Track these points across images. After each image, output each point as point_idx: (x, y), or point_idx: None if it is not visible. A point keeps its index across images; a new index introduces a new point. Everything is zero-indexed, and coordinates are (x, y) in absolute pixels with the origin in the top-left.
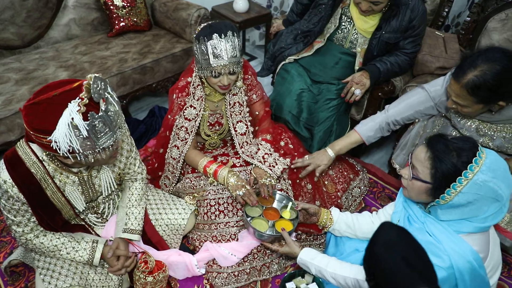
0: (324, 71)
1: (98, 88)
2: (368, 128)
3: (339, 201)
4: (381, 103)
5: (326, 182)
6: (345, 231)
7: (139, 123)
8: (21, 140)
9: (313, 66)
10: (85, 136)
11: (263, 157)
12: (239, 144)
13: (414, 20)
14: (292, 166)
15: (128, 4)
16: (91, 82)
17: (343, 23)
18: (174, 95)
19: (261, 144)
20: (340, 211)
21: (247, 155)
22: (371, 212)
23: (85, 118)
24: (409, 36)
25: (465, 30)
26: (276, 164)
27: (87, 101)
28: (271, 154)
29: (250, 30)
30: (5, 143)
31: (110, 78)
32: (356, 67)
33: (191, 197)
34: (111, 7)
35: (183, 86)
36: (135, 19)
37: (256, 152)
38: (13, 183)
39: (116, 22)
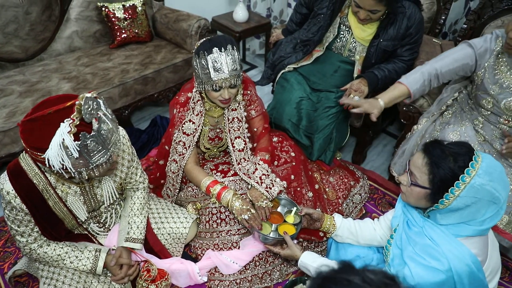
0: (323, 80)
1: (89, 109)
2: (413, 80)
3: (340, 208)
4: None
5: (327, 189)
6: (347, 237)
7: (141, 132)
8: (23, 152)
9: (312, 74)
10: (76, 156)
11: (260, 177)
12: (236, 161)
13: (411, 28)
14: (340, 102)
15: (130, 16)
16: (82, 103)
17: (342, 32)
18: (175, 109)
19: (259, 164)
20: (342, 217)
21: (244, 173)
22: (372, 219)
23: (76, 138)
24: (406, 44)
25: (462, 37)
26: (273, 186)
27: (78, 121)
28: (268, 175)
29: (250, 40)
30: (9, 155)
31: (112, 89)
32: (355, 75)
33: (194, 207)
34: (113, 19)
35: (183, 101)
36: (136, 31)
37: (254, 172)
38: (16, 194)
39: (118, 33)
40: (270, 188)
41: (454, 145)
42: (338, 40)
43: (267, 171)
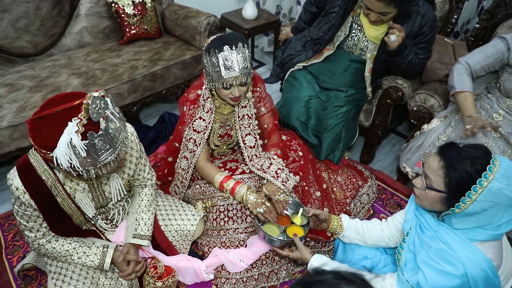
0: (332, 78)
1: (97, 108)
2: (468, 83)
3: (347, 207)
4: (389, 110)
5: (334, 189)
6: (355, 238)
7: (149, 129)
8: (33, 148)
9: (322, 73)
10: (84, 156)
11: (276, 172)
12: (248, 157)
13: (424, 26)
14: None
15: (139, 12)
16: (90, 102)
17: (353, 31)
18: (185, 107)
19: (273, 159)
20: (349, 218)
21: (257, 169)
22: (380, 219)
23: (84, 137)
24: (420, 42)
25: (474, 37)
26: (288, 180)
27: (86, 121)
28: (283, 170)
29: (259, 37)
30: (19, 149)
31: (121, 85)
32: (367, 73)
33: (203, 205)
34: (122, 15)
35: (193, 99)
36: (145, 27)
37: (269, 167)
38: (25, 189)
39: (127, 30)
40: (286, 182)
41: (471, 148)
42: (350, 39)
43: (282, 166)
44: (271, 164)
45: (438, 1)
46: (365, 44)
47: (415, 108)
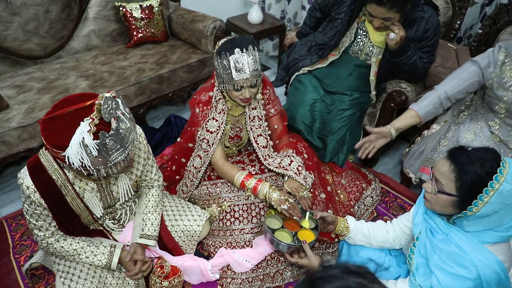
0: (337, 82)
1: (108, 108)
2: (423, 106)
3: (351, 210)
4: (393, 114)
5: (339, 191)
6: (360, 240)
7: (156, 131)
8: (43, 148)
9: (327, 77)
10: (95, 155)
11: (297, 168)
12: (262, 157)
13: (428, 31)
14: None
15: (146, 16)
16: (102, 103)
17: (359, 36)
18: (197, 109)
19: (293, 156)
20: (355, 219)
21: (276, 167)
22: (384, 222)
23: (95, 137)
24: (424, 46)
25: (477, 42)
26: (307, 178)
27: (98, 121)
28: (303, 167)
29: (264, 41)
30: (28, 150)
31: (128, 88)
32: (372, 77)
33: (218, 208)
34: (130, 18)
35: (206, 100)
36: (152, 30)
37: (290, 164)
38: (35, 188)
39: (135, 33)
40: (306, 179)
41: (480, 151)
42: (355, 44)
43: (301, 163)
44: (291, 161)
45: (442, 6)
46: (370, 49)
47: None
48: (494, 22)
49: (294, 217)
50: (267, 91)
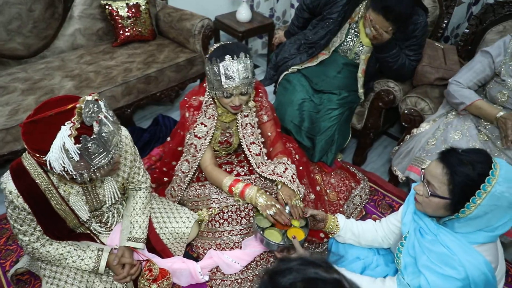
0: (326, 81)
1: (90, 112)
2: (471, 94)
3: (341, 209)
4: (381, 113)
5: (328, 191)
6: (349, 238)
7: (143, 131)
8: (26, 151)
9: (315, 75)
10: (77, 159)
11: (292, 176)
12: (256, 165)
13: (416, 30)
14: None
15: (133, 15)
16: (83, 106)
17: (349, 36)
18: (187, 112)
19: (288, 164)
20: (345, 218)
21: (270, 174)
22: (373, 220)
23: (77, 141)
24: (411, 45)
25: (464, 42)
26: (299, 187)
27: (79, 125)
28: (296, 175)
29: (253, 39)
30: (11, 153)
31: (115, 88)
32: (359, 74)
33: (209, 212)
34: (116, 17)
35: (196, 105)
36: (139, 29)
37: (284, 171)
38: (18, 193)
39: (121, 32)
40: (299, 188)
41: (471, 153)
42: (345, 44)
43: (295, 172)
44: (286, 168)
45: (429, 6)
46: (359, 48)
47: (406, 111)
48: (481, 21)
49: (281, 223)
50: (259, 98)
